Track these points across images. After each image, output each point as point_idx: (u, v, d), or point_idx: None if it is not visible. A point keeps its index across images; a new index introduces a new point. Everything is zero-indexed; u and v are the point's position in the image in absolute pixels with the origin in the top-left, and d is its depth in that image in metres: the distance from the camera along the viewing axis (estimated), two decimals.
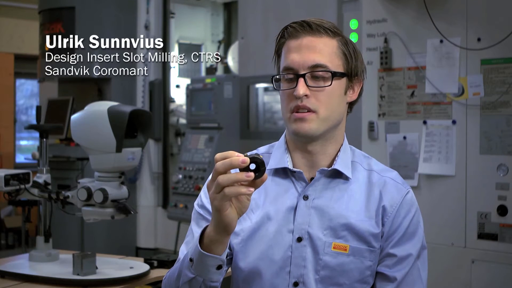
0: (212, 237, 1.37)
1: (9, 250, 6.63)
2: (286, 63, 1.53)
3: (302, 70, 1.51)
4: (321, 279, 1.51)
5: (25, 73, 8.76)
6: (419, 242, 1.56)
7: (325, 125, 1.52)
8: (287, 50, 1.54)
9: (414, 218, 1.57)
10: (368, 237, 1.52)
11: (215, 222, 1.35)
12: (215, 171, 1.29)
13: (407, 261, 1.54)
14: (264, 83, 4.65)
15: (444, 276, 3.21)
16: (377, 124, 3.51)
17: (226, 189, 1.28)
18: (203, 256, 1.38)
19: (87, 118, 2.45)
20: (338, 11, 4.06)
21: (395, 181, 1.59)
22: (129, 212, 2.43)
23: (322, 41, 1.52)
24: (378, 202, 1.55)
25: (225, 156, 1.30)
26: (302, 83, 1.50)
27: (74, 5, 4.98)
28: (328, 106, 1.52)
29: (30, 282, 2.37)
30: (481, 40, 3.14)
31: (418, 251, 1.56)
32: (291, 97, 1.52)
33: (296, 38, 1.53)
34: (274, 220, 1.54)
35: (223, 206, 1.31)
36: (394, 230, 1.54)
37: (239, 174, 1.28)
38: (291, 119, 1.53)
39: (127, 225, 5.14)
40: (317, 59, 1.51)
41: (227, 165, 1.28)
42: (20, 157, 8.80)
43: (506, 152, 3.07)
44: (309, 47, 1.52)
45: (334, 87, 1.52)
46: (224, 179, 1.28)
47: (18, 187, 2.50)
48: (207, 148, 4.61)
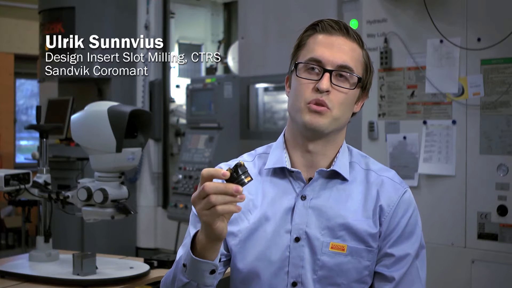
0: (204, 245, 1.38)
1: (9, 250, 6.62)
2: (314, 54, 1.52)
3: (330, 66, 1.51)
4: (319, 279, 1.51)
5: (25, 73, 8.76)
6: (417, 241, 1.56)
7: (334, 125, 1.53)
8: (316, 42, 1.54)
9: (412, 218, 1.57)
10: (365, 237, 1.52)
11: (205, 233, 1.37)
12: (204, 191, 1.30)
13: (405, 260, 1.54)
14: (264, 83, 4.65)
15: (444, 276, 3.21)
16: (377, 124, 3.51)
17: (219, 207, 1.29)
18: (196, 262, 1.39)
19: (87, 118, 2.45)
20: (338, 11, 4.06)
21: (392, 180, 1.59)
22: (129, 212, 2.43)
23: (352, 46, 1.55)
24: (375, 202, 1.55)
25: (212, 175, 1.31)
26: (327, 78, 1.50)
27: (74, 5, 4.97)
28: (341, 107, 1.52)
29: (30, 282, 2.37)
30: (481, 40, 3.14)
31: (416, 251, 1.55)
32: (310, 89, 1.51)
33: (329, 34, 1.54)
34: (272, 220, 1.54)
35: (213, 221, 1.32)
36: (391, 229, 1.54)
37: (230, 188, 1.29)
38: (305, 110, 1.51)
39: (127, 225, 5.14)
40: (347, 59, 1.52)
41: (220, 190, 1.29)
42: (20, 157, 8.80)
43: (506, 152, 3.07)
44: (341, 47, 1.53)
45: (352, 93, 1.54)
46: (219, 198, 1.29)
47: (18, 187, 2.50)
48: (207, 148, 4.60)
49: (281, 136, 1.64)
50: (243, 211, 1.54)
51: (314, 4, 4.19)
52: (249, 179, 1.31)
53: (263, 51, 4.53)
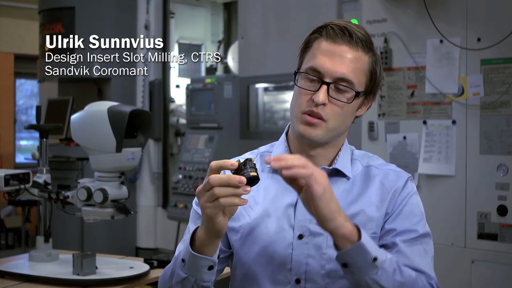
0: (203, 240, 1.39)
1: (9, 250, 6.63)
2: (315, 63, 1.51)
3: (329, 78, 1.49)
4: (327, 273, 1.51)
5: (25, 73, 8.76)
6: (419, 223, 1.53)
7: (330, 135, 1.53)
8: (319, 49, 1.52)
9: (412, 199, 1.56)
10: (369, 224, 1.52)
11: (206, 227, 1.37)
12: (209, 183, 1.30)
13: (408, 233, 1.51)
14: (264, 83, 4.65)
15: (444, 276, 3.20)
16: (377, 124, 3.51)
17: (221, 199, 1.30)
18: (195, 257, 1.40)
19: (87, 118, 2.45)
20: (338, 11, 4.06)
21: (395, 171, 1.60)
22: (129, 212, 2.42)
23: (356, 55, 1.51)
24: (380, 190, 1.55)
25: (220, 166, 1.31)
26: (324, 91, 1.49)
27: (74, 5, 4.98)
28: (338, 119, 1.52)
29: (30, 282, 2.36)
30: (481, 40, 3.14)
31: (419, 232, 1.52)
32: (307, 98, 1.51)
33: (333, 42, 1.51)
34: (274, 217, 1.55)
35: (215, 214, 1.33)
36: (394, 210, 1.54)
37: (233, 179, 1.29)
38: (300, 119, 1.52)
39: (127, 225, 5.14)
40: (346, 72, 1.50)
41: (223, 182, 1.29)
42: (20, 157, 8.80)
43: (506, 152, 3.07)
44: (342, 57, 1.50)
45: (350, 105, 1.52)
46: (222, 191, 1.29)
47: (18, 187, 2.49)
48: (207, 148, 4.61)
49: (283, 135, 1.65)
50: (245, 207, 1.54)
51: (314, 4, 4.19)
52: (254, 173, 1.31)
53: (263, 51, 4.53)
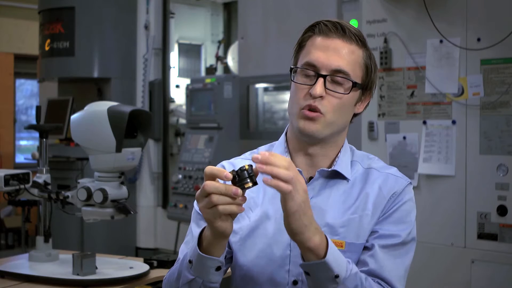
0: (210, 241, 1.39)
1: (9, 250, 6.63)
2: (309, 58, 1.52)
3: (325, 71, 1.50)
4: None
5: (25, 73, 8.76)
6: (405, 230, 1.53)
7: (328, 130, 1.53)
8: (313, 45, 1.53)
9: (405, 206, 1.55)
10: (364, 232, 1.52)
11: (209, 229, 1.37)
12: (205, 190, 1.30)
13: (389, 238, 1.51)
14: (264, 83, 4.65)
15: (444, 276, 3.20)
16: (377, 124, 3.51)
17: (220, 207, 1.30)
18: (202, 258, 1.40)
19: (87, 118, 2.45)
20: (338, 11, 4.05)
21: (395, 175, 1.59)
22: (129, 212, 2.42)
23: (350, 48, 1.52)
24: (377, 197, 1.55)
25: (215, 175, 1.31)
26: (321, 83, 1.50)
27: (74, 5, 4.97)
28: (336, 112, 1.52)
29: (30, 282, 2.36)
30: (481, 40, 3.14)
31: (403, 238, 1.52)
32: (305, 93, 1.51)
33: (326, 37, 1.52)
34: (273, 218, 1.55)
35: (214, 219, 1.33)
36: (385, 213, 1.54)
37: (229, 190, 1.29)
38: (299, 115, 1.52)
39: (127, 225, 5.14)
40: (342, 64, 1.50)
41: (220, 191, 1.29)
42: (20, 157, 8.80)
43: (506, 152, 3.07)
44: (337, 50, 1.51)
45: (348, 97, 1.52)
46: (220, 199, 1.29)
47: (18, 187, 2.49)
48: (207, 148, 4.60)
49: (283, 135, 1.65)
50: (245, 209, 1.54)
51: (314, 4, 4.19)
52: (249, 185, 1.31)
53: (262, 51, 4.53)
